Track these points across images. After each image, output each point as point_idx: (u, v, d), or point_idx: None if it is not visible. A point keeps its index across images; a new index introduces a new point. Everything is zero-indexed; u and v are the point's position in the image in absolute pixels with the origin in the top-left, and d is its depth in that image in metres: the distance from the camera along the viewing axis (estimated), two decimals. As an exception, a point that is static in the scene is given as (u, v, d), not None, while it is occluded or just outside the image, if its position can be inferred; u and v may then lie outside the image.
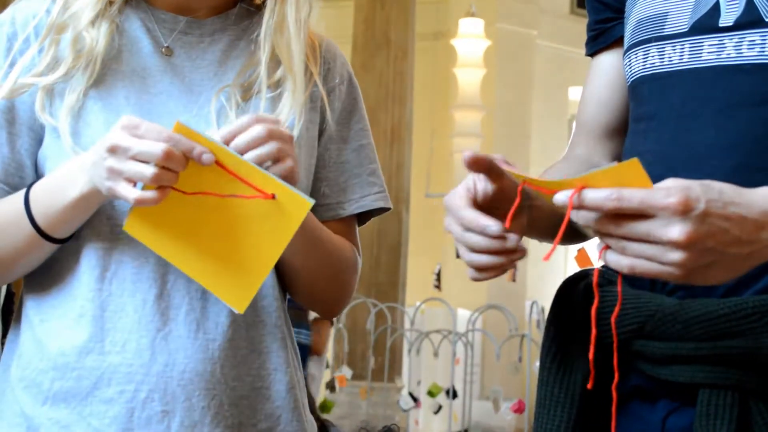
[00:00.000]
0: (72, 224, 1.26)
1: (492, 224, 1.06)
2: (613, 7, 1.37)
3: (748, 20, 1.17)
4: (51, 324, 1.28)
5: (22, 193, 1.26)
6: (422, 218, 9.65)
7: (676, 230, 0.94)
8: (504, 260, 1.07)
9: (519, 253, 1.07)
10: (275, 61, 1.34)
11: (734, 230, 0.96)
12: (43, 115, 1.28)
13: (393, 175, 7.74)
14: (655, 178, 1.08)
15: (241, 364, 1.30)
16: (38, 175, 1.31)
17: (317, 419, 3.19)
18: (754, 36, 1.16)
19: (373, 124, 1.49)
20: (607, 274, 1.22)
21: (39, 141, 1.31)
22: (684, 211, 0.94)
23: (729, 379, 1.10)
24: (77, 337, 1.27)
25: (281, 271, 1.36)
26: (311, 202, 1.16)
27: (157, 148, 1.13)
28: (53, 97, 1.29)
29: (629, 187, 0.96)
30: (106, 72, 1.31)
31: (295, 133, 1.32)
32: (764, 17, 1.16)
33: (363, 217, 1.46)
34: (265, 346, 1.33)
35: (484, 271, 1.10)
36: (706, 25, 1.19)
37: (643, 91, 1.26)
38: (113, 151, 1.15)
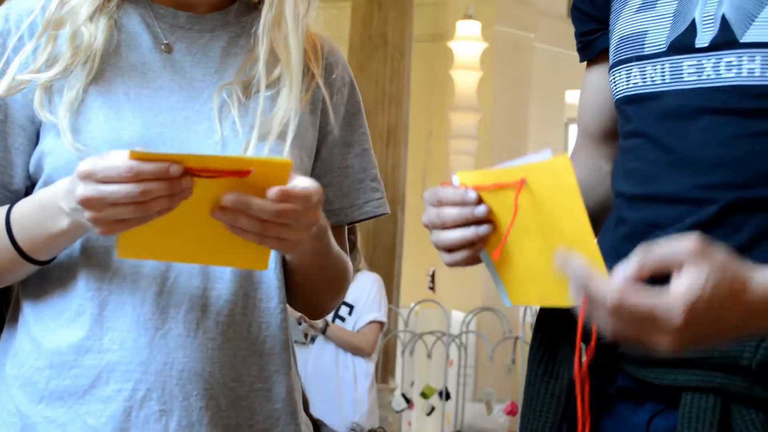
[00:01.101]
0: (57, 250, 1.25)
1: (471, 191, 1.13)
2: (596, 19, 1.37)
3: (723, 41, 1.17)
4: (47, 322, 1.28)
5: (2, 214, 1.25)
6: (417, 220, 9.59)
7: (667, 341, 0.97)
8: (473, 234, 1.14)
9: (486, 225, 1.14)
10: (275, 57, 1.34)
11: (724, 324, 0.98)
12: (42, 113, 1.27)
13: (389, 176, 7.73)
14: (645, 195, 1.19)
15: (241, 364, 1.29)
16: (37, 171, 1.30)
17: (311, 419, 3.19)
18: (730, 57, 1.16)
19: (369, 125, 1.48)
20: None
21: (31, 139, 1.30)
22: (685, 328, 0.96)
23: (710, 382, 1.11)
24: (75, 335, 1.26)
25: (287, 277, 1.36)
26: (290, 161, 1.13)
27: (133, 190, 1.08)
28: (52, 94, 1.28)
29: (558, 184, 1.02)
30: (105, 68, 1.30)
31: (291, 130, 1.31)
32: (738, 38, 1.16)
33: (359, 220, 1.46)
34: (267, 347, 1.32)
35: (456, 251, 1.17)
36: (684, 44, 1.20)
37: (628, 111, 1.27)
38: (88, 204, 1.11)
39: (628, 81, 1.26)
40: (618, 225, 1.26)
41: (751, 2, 1.16)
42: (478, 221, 1.14)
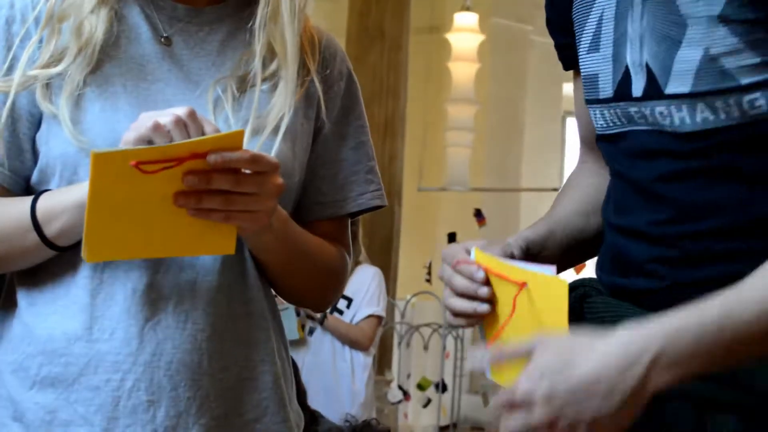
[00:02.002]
0: (74, 229, 1.25)
1: (481, 271, 1.22)
2: (566, 30, 1.39)
3: (652, 92, 1.20)
4: (40, 309, 1.29)
5: (27, 200, 1.26)
6: (414, 212, 9.64)
7: (537, 416, 1.05)
8: (472, 310, 1.24)
9: (486, 304, 1.23)
10: (271, 52, 1.34)
11: (586, 397, 1.04)
12: (44, 103, 1.28)
13: (386, 168, 7.72)
14: (618, 226, 1.26)
15: (228, 355, 1.31)
16: (36, 159, 1.31)
17: (308, 410, 3.19)
18: (661, 107, 1.19)
19: (366, 117, 1.48)
20: (596, 283, 1.29)
21: (36, 126, 1.31)
22: (525, 402, 1.05)
23: (684, 390, 1.12)
24: (66, 323, 1.27)
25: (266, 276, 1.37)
26: (242, 129, 1.18)
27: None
28: (52, 85, 1.29)
29: (552, 299, 1.13)
30: (104, 59, 1.31)
31: (284, 124, 1.32)
32: (663, 89, 1.18)
33: (356, 212, 1.46)
34: (252, 337, 1.33)
35: (457, 316, 1.27)
36: (625, 93, 1.23)
37: (602, 148, 1.33)
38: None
39: (596, 121, 1.30)
40: (606, 247, 1.32)
41: (664, 50, 1.18)
42: (480, 299, 1.23)
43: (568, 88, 11.46)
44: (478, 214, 10.03)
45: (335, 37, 1.48)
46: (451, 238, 9.74)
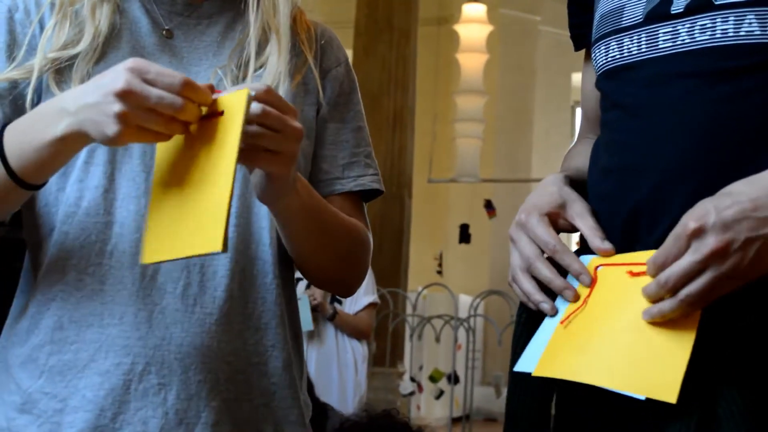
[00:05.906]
0: (45, 168, 1.22)
1: (586, 275, 1.20)
2: (585, 8, 1.39)
3: (698, 5, 1.20)
4: (48, 297, 1.29)
5: None
6: (424, 204, 9.65)
7: (709, 244, 1.06)
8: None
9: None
10: (266, 34, 1.36)
11: (759, 212, 1.07)
12: (56, 91, 1.29)
13: (395, 160, 7.73)
14: (621, 166, 1.23)
15: (238, 339, 1.32)
16: None
17: (317, 403, 3.20)
18: (704, 20, 1.19)
19: (375, 109, 1.50)
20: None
21: None
22: (699, 230, 1.07)
23: (695, 365, 1.11)
24: (76, 310, 1.28)
25: (293, 255, 1.37)
26: (248, 89, 1.12)
27: (177, 101, 1.09)
28: (63, 74, 1.31)
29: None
30: (108, 51, 1.33)
31: (281, 89, 1.33)
32: (713, 0, 1.19)
33: (357, 192, 1.47)
34: (263, 322, 1.34)
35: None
36: (660, 13, 1.23)
37: (607, 84, 1.31)
38: (127, 97, 1.10)
39: (607, 55, 1.29)
40: (599, 200, 1.28)
41: None
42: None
43: (576, 78, 11.45)
44: (489, 205, 10.03)
45: (343, 29, 1.48)
46: (463, 229, 9.75)
